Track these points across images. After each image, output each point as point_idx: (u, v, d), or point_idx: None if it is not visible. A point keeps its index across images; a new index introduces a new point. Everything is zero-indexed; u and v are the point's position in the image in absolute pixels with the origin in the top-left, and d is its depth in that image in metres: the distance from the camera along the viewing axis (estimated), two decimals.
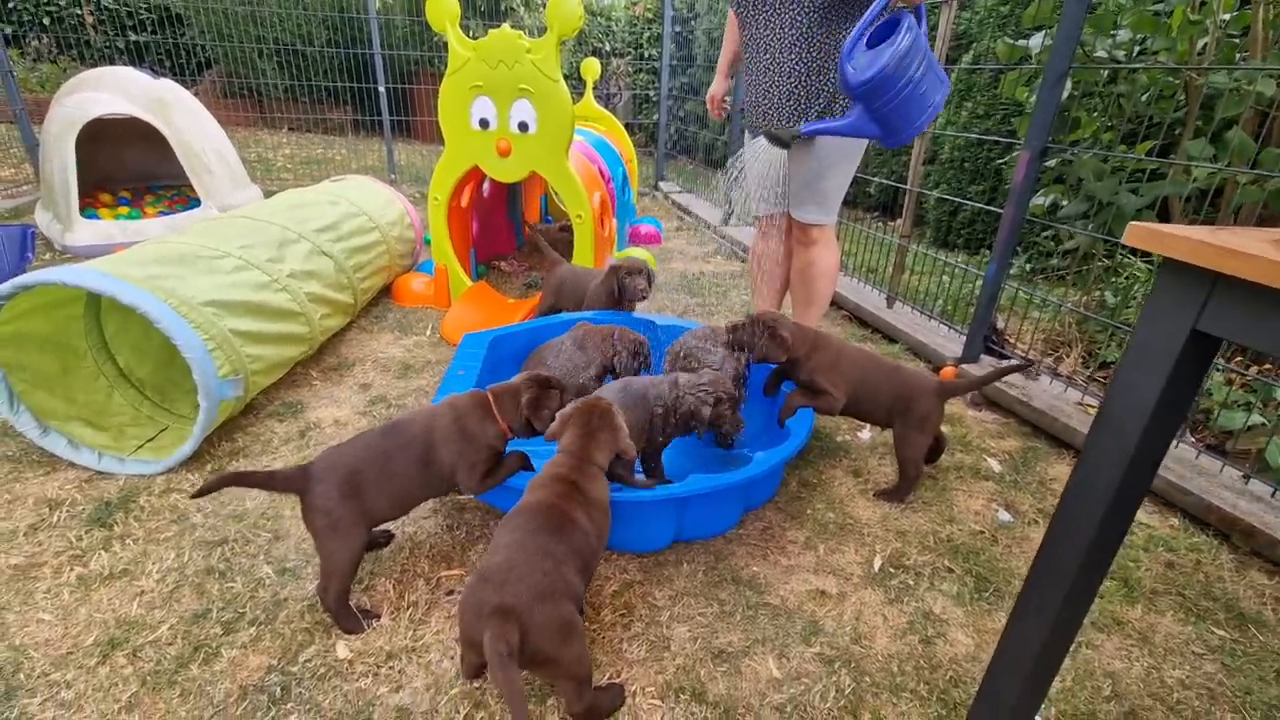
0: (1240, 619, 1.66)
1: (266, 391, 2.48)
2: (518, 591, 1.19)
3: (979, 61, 4.43)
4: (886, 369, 2.03)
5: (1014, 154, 3.24)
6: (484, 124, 3.06)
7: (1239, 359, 2.67)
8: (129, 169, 5.10)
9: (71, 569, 1.63)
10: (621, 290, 2.73)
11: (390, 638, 1.48)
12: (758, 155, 2.40)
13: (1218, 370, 2.54)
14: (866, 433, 2.46)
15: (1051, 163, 3.01)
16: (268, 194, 5.64)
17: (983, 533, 1.94)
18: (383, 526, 1.74)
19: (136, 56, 8.35)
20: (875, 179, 4.12)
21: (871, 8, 1.85)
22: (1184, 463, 2.16)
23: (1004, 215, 2.69)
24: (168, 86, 4.50)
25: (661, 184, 7.33)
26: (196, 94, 4.82)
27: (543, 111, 2.95)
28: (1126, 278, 3.14)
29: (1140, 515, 2.05)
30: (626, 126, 5.42)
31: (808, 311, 2.84)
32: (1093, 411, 2.48)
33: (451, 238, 3.36)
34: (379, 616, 1.54)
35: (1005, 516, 2.03)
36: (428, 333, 3.18)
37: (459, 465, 1.56)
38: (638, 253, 4.32)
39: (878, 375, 1.99)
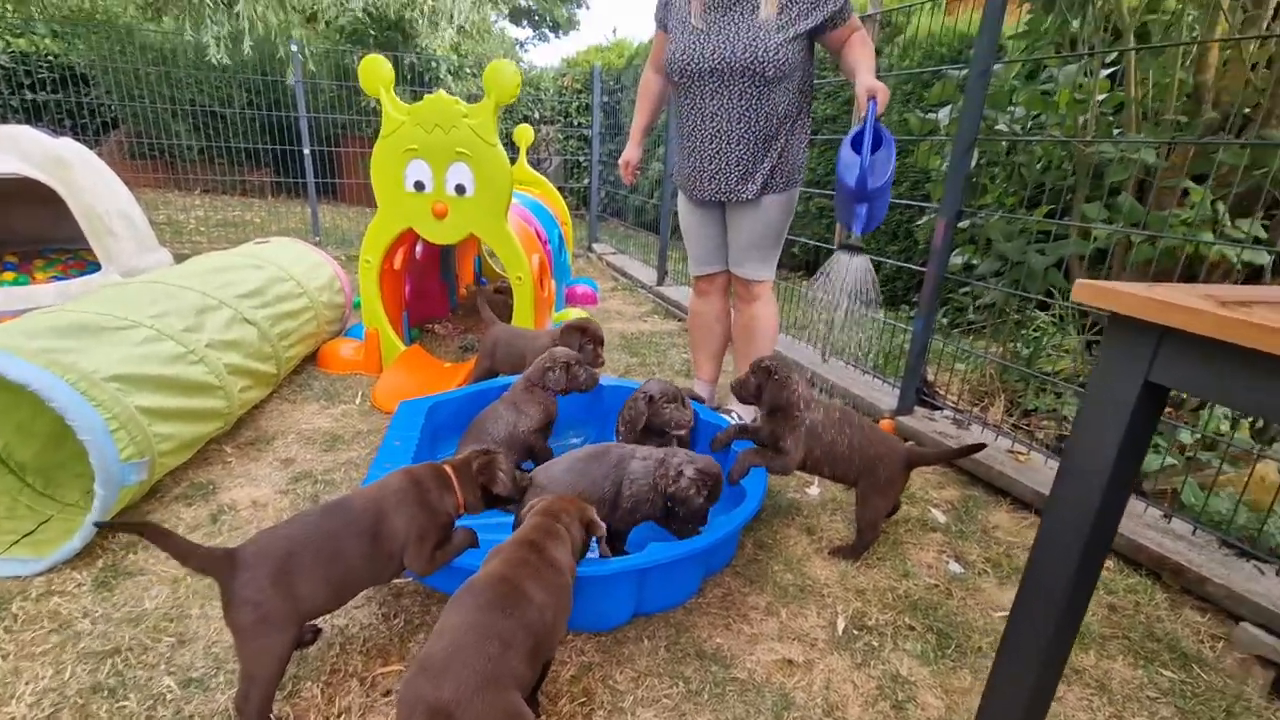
0: (1184, 659, 1.71)
1: (174, 472, 2.24)
2: (457, 683, 1.07)
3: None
4: (857, 433, 2.01)
5: (926, 218, 3.48)
6: (419, 186, 3.01)
7: None
8: (16, 232, 4.70)
9: None
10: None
11: None
12: (847, 270, 2.44)
13: None
14: (815, 489, 2.46)
15: (964, 225, 3.23)
16: (179, 258, 5.33)
17: (937, 586, 1.94)
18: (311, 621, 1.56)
19: (35, 115, 7.87)
20: (800, 239, 4.34)
21: (868, 123, 2.14)
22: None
23: (927, 274, 2.84)
24: (68, 145, 4.22)
25: (595, 245, 7.43)
26: (99, 155, 4.54)
27: (480, 175, 2.94)
28: (1035, 329, 3.36)
29: None
30: (558, 190, 5.48)
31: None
32: (1023, 459, 2.59)
33: (383, 301, 3.24)
34: None
35: (956, 568, 2.04)
36: (357, 400, 3.00)
37: (410, 538, 1.43)
38: (575, 313, 4.29)
39: (849, 438, 1.99)
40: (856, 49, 2.35)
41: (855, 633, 1.73)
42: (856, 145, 2.18)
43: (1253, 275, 2.36)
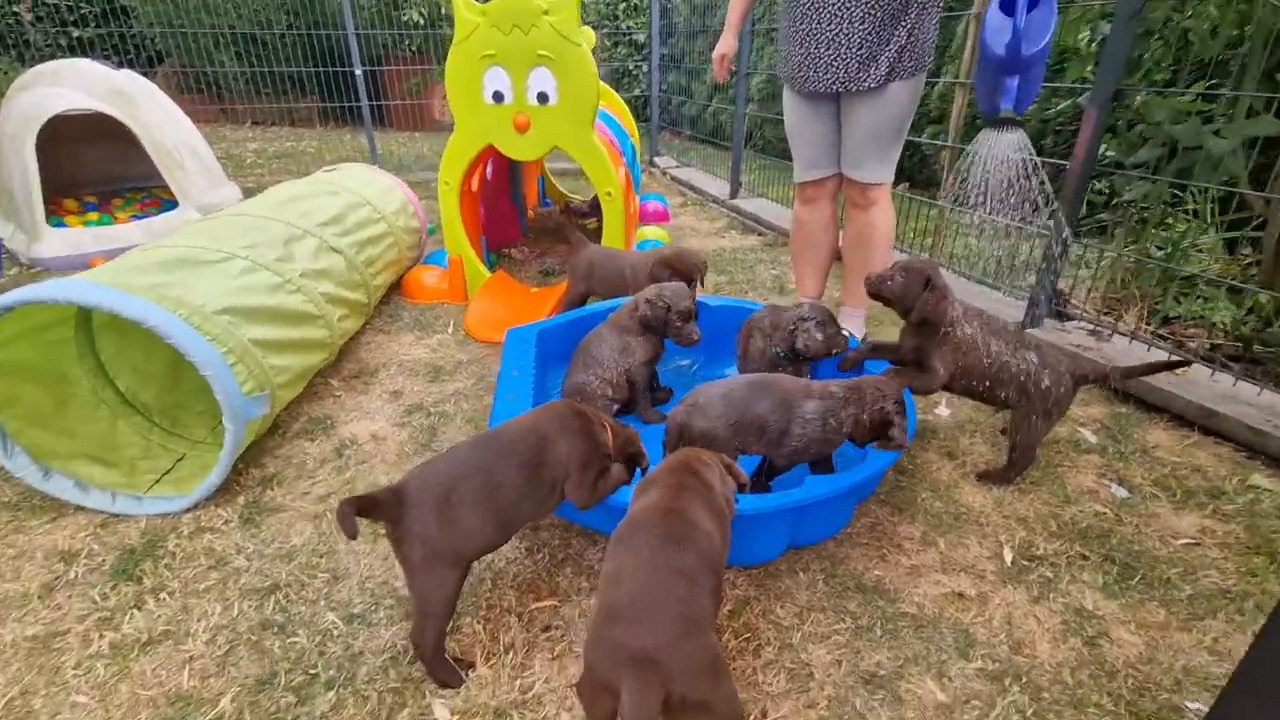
0: None
1: (289, 407, 2.23)
2: (656, 630, 1.00)
3: None
4: (1014, 347, 1.80)
5: (1063, 103, 3.04)
6: (498, 97, 2.79)
7: None
8: (91, 171, 4.70)
9: (102, 635, 1.39)
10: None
11: (493, 691, 1.28)
12: (995, 153, 2.03)
13: None
14: (944, 408, 2.29)
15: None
16: (246, 192, 5.30)
17: (1105, 512, 1.79)
18: None
19: (81, 53, 7.79)
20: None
21: None
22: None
23: (1070, 167, 2.51)
24: (130, 78, 4.12)
25: (657, 159, 7.06)
26: None
27: (564, 80, 2.70)
28: (1170, 227, 3.00)
29: (1258, 479, 1.91)
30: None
31: (861, 279, 2.65)
32: (1182, 373, 2.34)
33: (464, 225, 3.10)
34: (474, 665, 1.33)
35: (1122, 492, 1.87)
36: (450, 330, 2.93)
37: (573, 465, 1.35)
38: (651, 231, 4.08)
39: (1005, 353, 1.78)
40: None
41: (1025, 563, 1.60)
42: (1007, 8, 1.86)
43: None
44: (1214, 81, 2.70)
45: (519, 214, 4.43)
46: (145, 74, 7.39)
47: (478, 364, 2.60)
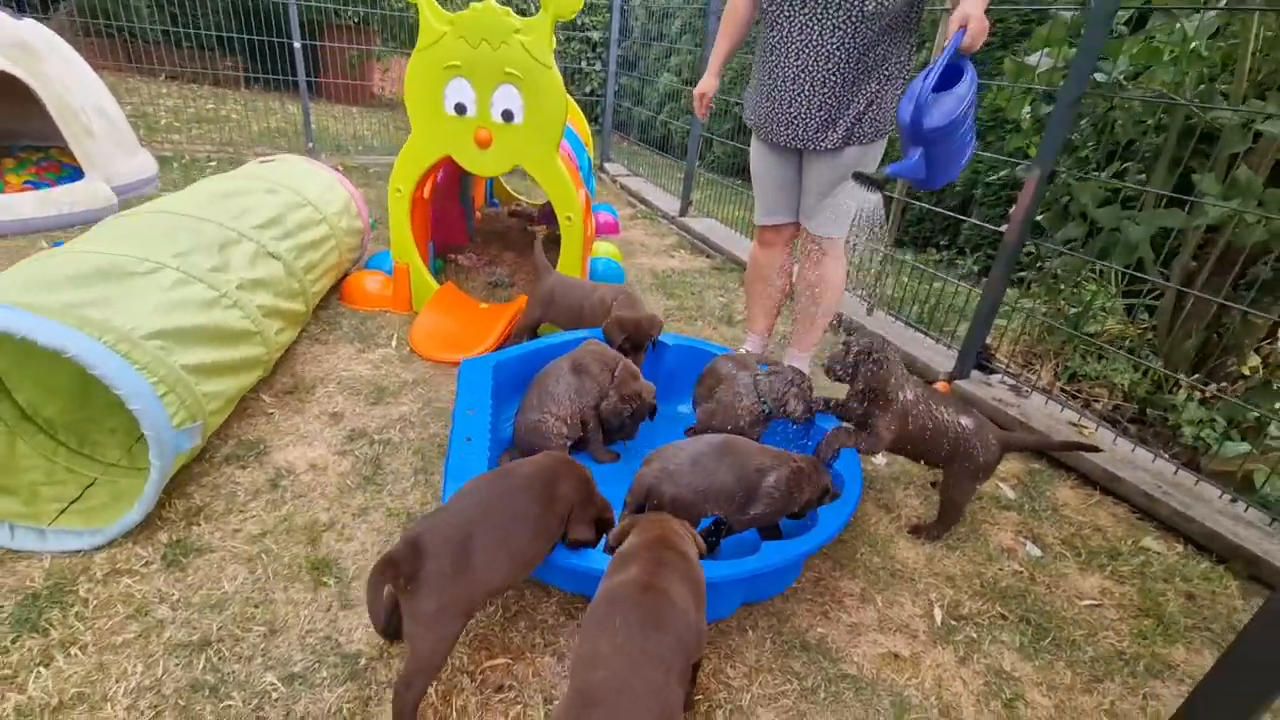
0: None
1: (219, 428, 2.08)
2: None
3: None
4: (951, 414, 1.92)
5: (1002, 172, 3.27)
6: (460, 109, 2.70)
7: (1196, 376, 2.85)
8: None
9: (4, 698, 1.26)
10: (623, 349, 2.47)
11: None
12: (866, 197, 2.15)
13: (1182, 389, 2.70)
14: (882, 459, 2.41)
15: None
16: (160, 160, 4.89)
17: (1021, 571, 1.94)
18: None
19: None
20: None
21: (944, 53, 1.84)
22: (1181, 488, 2.27)
23: (1006, 236, 2.69)
24: (33, 29, 3.71)
25: (607, 165, 7.03)
26: None
27: (531, 101, 2.64)
28: (1092, 292, 3.28)
29: (1149, 542, 2.12)
30: None
31: (812, 326, 2.75)
32: (1086, 431, 2.56)
33: (414, 232, 2.99)
34: None
35: (1034, 550, 2.04)
36: (393, 344, 2.82)
37: (576, 503, 1.41)
38: (603, 247, 4.07)
39: (942, 419, 1.90)
40: None
41: (953, 623, 1.72)
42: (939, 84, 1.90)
43: None
44: (1127, 165, 2.99)
45: (466, 216, 4.30)
46: (42, 14, 6.67)
47: (424, 385, 2.51)
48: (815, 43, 2.21)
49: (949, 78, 1.85)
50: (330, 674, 1.38)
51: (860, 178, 2.08)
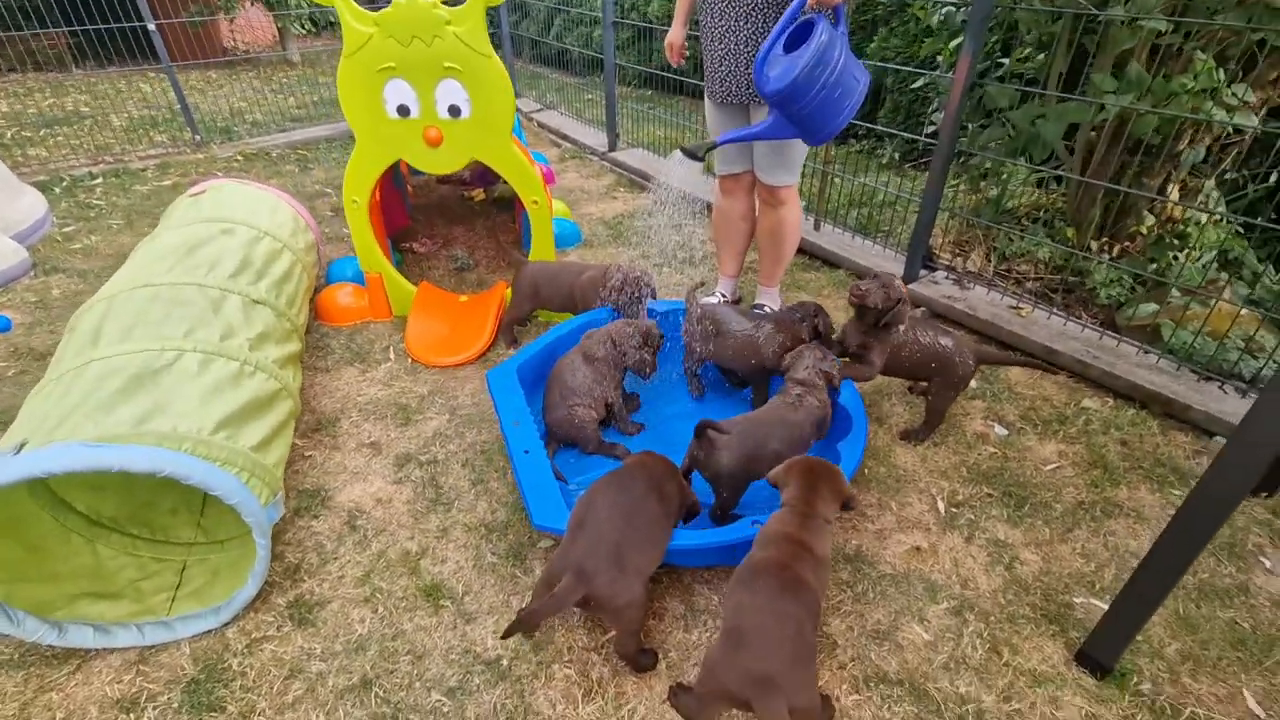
0: (1182, 476, 2.23)
1: None
2: (777, 658, 1.32)
3: None
4: (933, 336, 2.21)
5: (923, 80, 3.46)
6: (403, 111, 2.65)
7: (1105, 239, 3.28)
8: None
9: None
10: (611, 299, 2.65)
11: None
12: (674, 170, 2.30)
13: (1096, 257, 3.12)
14: None
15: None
16: (40, 187, 4.47)
17: (995, 451, 2.35)
18: None
19: None
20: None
21: (786, 13, 1.91)
22: (1105, 349, 2.71)
23: (939, 144, 2.94)
24: None
25: (519, 102, 6.75)
26: None
27: (476, 93, 2.61)
28: (1005, 179, 3.62)
29: (1087, 402, 2.57)
30: None
31: (777, 267, 2.99)
32: (1024, 314, 2.96)
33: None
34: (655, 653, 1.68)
35: (1001, 430, 2.45)
36: (391, 356, 2.89)
37: (679, 496, 1.74)
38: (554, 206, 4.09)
39: (928, 342, 2.20)
40: None
41: (954, 510, 2.11)
42: (796, 40, 1.94)
43: (1261, 145, 2.66)
44: (1027, 54, 3.24)
45: (403, 197, 4.20)
46: None
47: (441, 395, 2.64)
48: (734, 4, 2.29)
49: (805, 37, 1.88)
50: (482, 680, 1.64)
51: (685, 151, 2.17)
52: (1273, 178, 3.03)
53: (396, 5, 2.45)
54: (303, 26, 9.33)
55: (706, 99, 2.69)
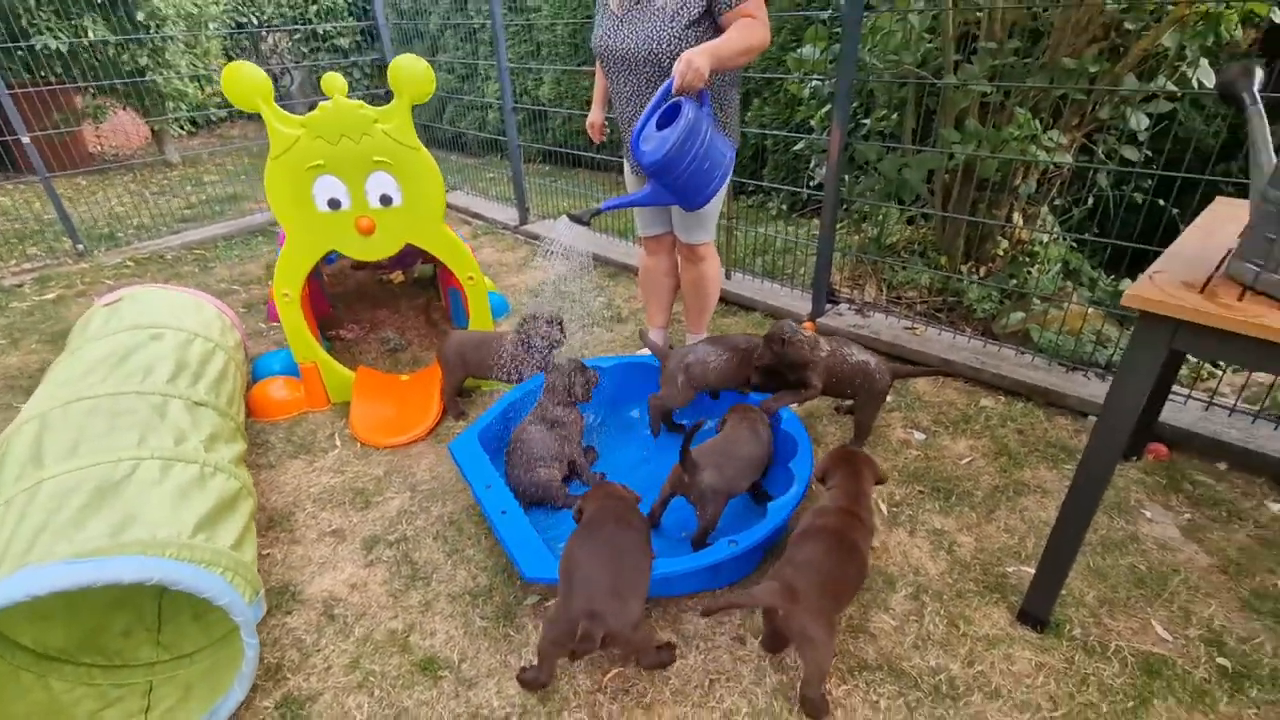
0: (1070, 453, 2.61)
1: None
2: (832, 597, 1.68)
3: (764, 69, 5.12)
4: (854, 357, 2.51)
5: (801, 144, 3.93)
6: (334, 204, 2.73)
7: (973, 263, 3.81)
8: None
9: None
10: (529, 345, 2.80)
11: None
12: (562, 234, 2.52)
13: (969, 280, 3.61)
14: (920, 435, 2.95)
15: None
16: None
17: (918, 454, 2.64)
18: None
19: None
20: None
21: (656, 95, 2.21)
22: (990, 354, 3.13)
23: (825, 195, 3.35)
24: None
25: None
26: None
27: (407, 182, 2.75)
28: (881, 219, 4.14)
29: (984, 401, 2.95)
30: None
31: (702, 316, 3.25)
32: (919, 333, 3.37)
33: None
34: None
35: (920, 435, 2.76)
36: (338, 443, 2.86)
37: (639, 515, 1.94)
38: None
39: (851, 362, 2.48)
40: (728, 30, 2.32)
41: (894, 509, 2.36)
42: (665, 120, 2.18)
43: (1076, 176, 3.25)
44: (884, 115, 3.79)
45: (321, 286, 4.19)
46: None
47: (398, 474, 2.64)
48: (636, 93, 2.57)
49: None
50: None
51: (571, 217, 2.40)
52: (1090, 201, 3.67)
53: (323, 108, 2.58)
54: (182, 128, 9.09)
55: (627, 165, 2.96)
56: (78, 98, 8.40)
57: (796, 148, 3.96)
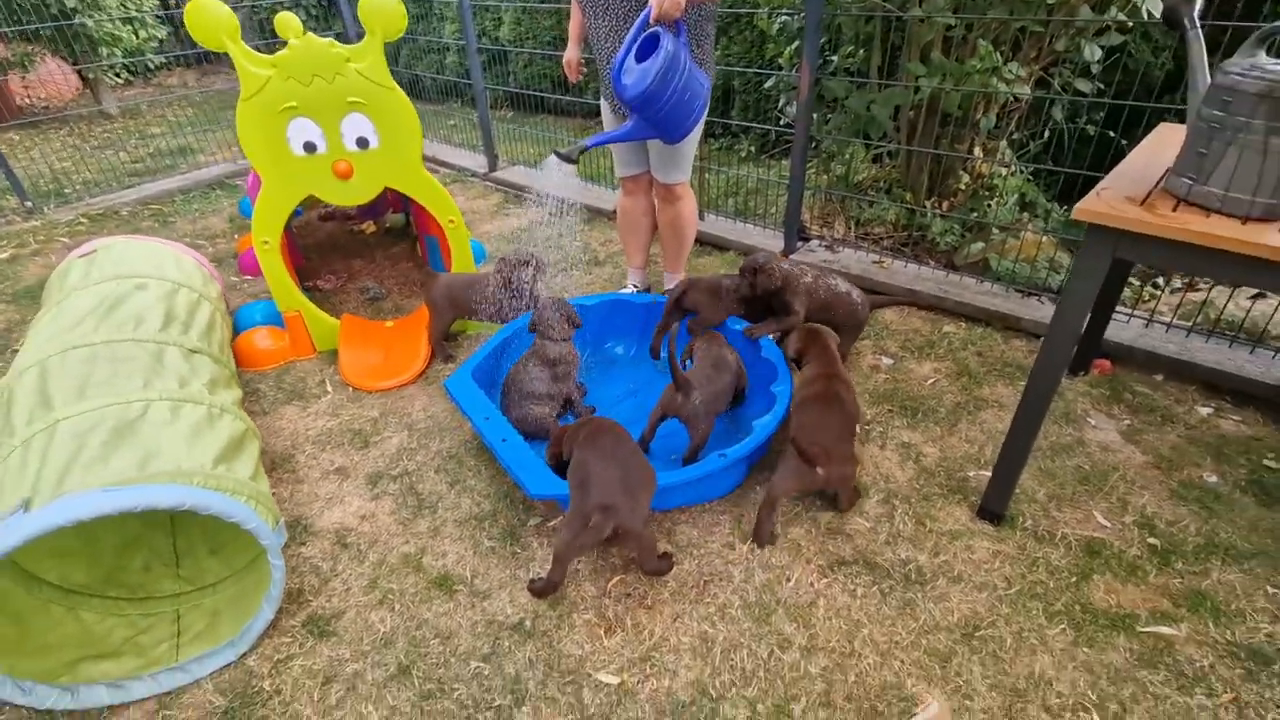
0: (1026, 371, 2.82)
1: None
2: (839, 438, 2.08)
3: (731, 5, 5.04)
4: (835, 285, 2.65)
5: (772, 80, 3.94)
6: (309, 147, 2.71)
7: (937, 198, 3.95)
8: None
9: None
10: (509, 286, 2.87)
11: (633, 649, 1.79)
12: (551, 174, 2.57)
13: (934, 212, 3.76)
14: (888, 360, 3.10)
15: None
16: None
17: (887, 377, 2.82)
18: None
19: None
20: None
21: (633, 28, 2.22)
22: (952, 283, 3.31)
23: (796, 133, 3.43)
24: None
25: None
26: None
27: (383, 124, 2.73)
28: (849, 158, 4.23)
29: (947, 328, 3.14)
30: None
31: (679, 256, 3.34)
32: (885, 265, 3.53)
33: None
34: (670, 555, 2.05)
35: (888, 361, 2.94)
36: (330, 389, 2.91)
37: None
38: None
39: (832, 290, 2.62)
40: None
41: (867, 427, 2.54)
42: (643, 53, 2.19)
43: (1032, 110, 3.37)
44: (851, 50, 3.84)
45: (292, 235, 4.13)
46: None
47: (394, 415, 2.72)
48: (610, 25, 2.59)
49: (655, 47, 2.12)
50: (511, 642, 1.81)
51: (558, 155, 2.44)
52: (1045, 134, 3.82)
53: (293, 47, 2.53)
54: (117, 75, 8.55)
55: (604, 104, 2.98)
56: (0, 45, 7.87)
57: (766, 85, 3.98)
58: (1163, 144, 1.96)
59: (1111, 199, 1.59)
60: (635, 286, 3.49)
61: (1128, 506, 2.15)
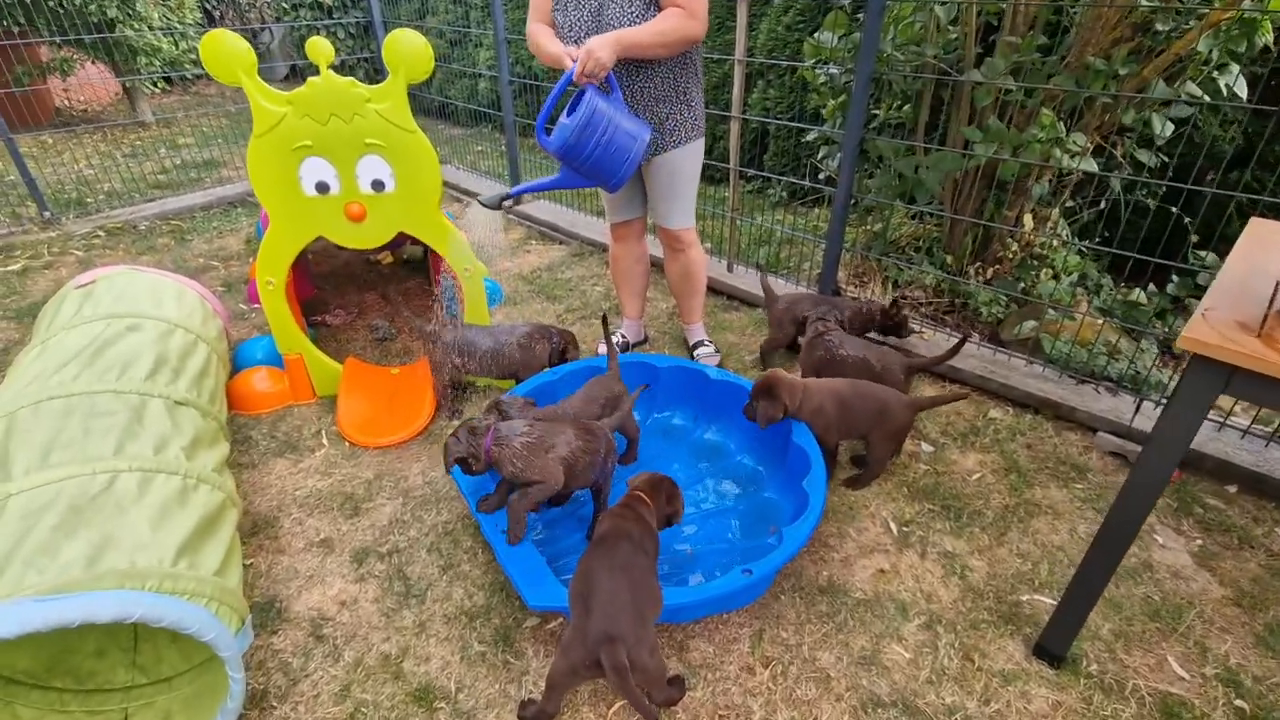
0: (1079, 470, 2.56)
1: None
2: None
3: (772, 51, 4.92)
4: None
5: (814, 134, 3.78)
6: (322, 188, 2.56)
7: (979, 264, 3.72)
8: None
9: None
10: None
11: None
12: (476, 221, 2.54)
13: (979, 283, 3.53)
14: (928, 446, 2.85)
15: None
16: None
17: (927, 468, 2.58)
18: None
19: None
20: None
21: (557, 85, 2.22)
22: (999, 363, 3.06)
23: (836, 196, 3.23)
24: None
25: None
26: None
27: (401, 167, 2.58)
28: (888, 215, 4.02)
29: (993, 413, 2.89)
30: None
31: (692, 304, 3.15)
32: (926, 337, 3.29)
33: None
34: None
35: (927, 448, 2.70)
36: (325, 442, 2.73)
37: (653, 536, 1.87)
38: None
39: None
40: (651, 20, 2.30)
41: (905, 529, 2.30)
42: (575, 106, 2.22)
43: (1086, 178, 3.15)
44: (899, 106, 3.66)
45: (306, 265, 4.00)
46: None
47: (389, 478, 2.52)
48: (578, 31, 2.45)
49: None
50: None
51: (481, 202, 2.48)
52: (1102, 204, 3.59)
53: (312, 84, 2.39)
54: (155, 84, 8.62)
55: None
56: (42, 49, 7.96)
57: (809, 138, 3.80)
58: (1262, 246, 1.73)
59: (1221, 325, 1.36)
60: (625, 338, 3.29)
61: (1207, 654, 1.88)
